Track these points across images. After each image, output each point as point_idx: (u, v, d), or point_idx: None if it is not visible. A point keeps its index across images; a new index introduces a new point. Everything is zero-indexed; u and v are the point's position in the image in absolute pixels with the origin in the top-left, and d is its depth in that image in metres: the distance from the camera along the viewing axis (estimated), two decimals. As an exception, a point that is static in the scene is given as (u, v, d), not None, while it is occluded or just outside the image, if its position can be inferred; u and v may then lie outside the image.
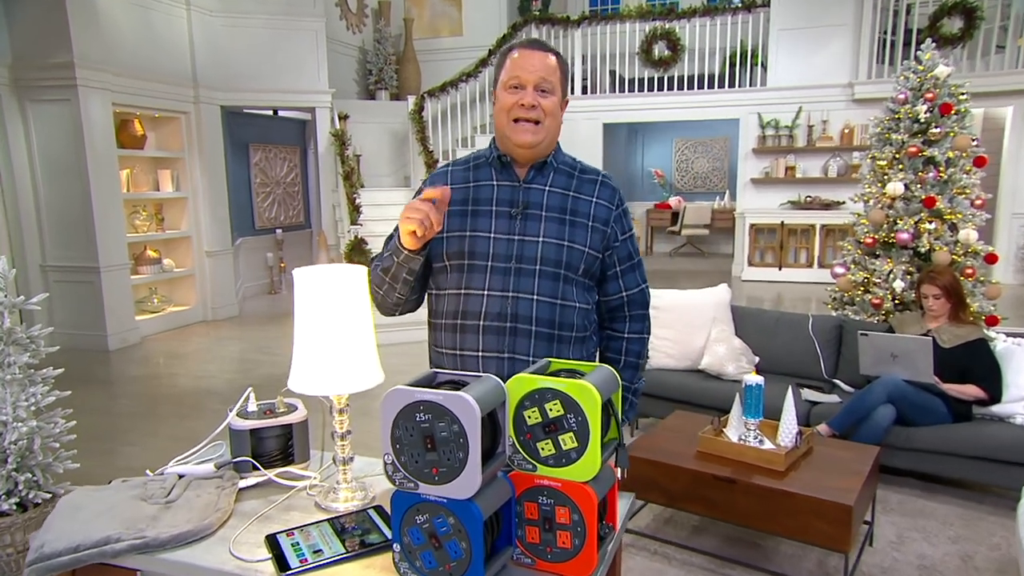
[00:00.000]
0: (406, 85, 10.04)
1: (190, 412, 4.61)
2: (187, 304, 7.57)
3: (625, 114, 9.70)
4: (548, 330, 1.63)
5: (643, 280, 1.78)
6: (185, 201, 7.43)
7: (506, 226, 1.64)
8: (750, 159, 9.33)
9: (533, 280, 1.62)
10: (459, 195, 1.68)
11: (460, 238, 1.65)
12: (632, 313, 1.76)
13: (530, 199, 1.66)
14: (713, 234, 12.11)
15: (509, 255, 1.63)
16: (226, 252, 7.82)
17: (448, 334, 1.68)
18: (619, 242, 1.70)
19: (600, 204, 1.68)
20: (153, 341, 6.69)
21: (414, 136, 8.20)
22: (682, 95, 9.35)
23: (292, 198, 10.14)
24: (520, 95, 1.61)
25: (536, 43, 1.65)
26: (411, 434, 1.17)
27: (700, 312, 4.04)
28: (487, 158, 1.72)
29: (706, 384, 3.83)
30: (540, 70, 1.61)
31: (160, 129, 7.36)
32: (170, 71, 7.04)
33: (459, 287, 1.65)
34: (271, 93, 7.91)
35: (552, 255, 1.62)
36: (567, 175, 1.70)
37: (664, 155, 13.01)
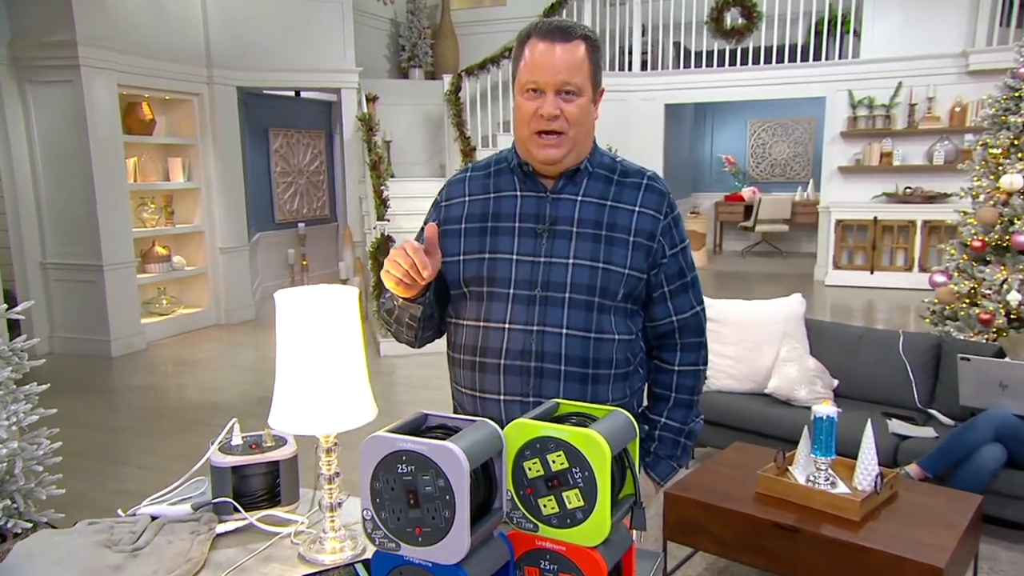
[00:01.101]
0: (442, 62, 10.08)
1: (194, 428, 4.70)
2: (199, 306, 7.75)
3: (691, 93, 9.59)
4: (580, 369, 1.57)
5: (698, 301, 1.69)
6: (197, 192, 7.60)
7: (530, 246, 1.58)
8: (838, 144, 9.12)
9: (561, 311, 1.56)
10: (478, 208, 1.64)
11: (479, 261, 1.60)
12: (684, 341, 1.68)
13: (559, 213, 1.59)
14: (793, 231, 11.89)
15: (533, 281, 1.57)
16: (242, 249, 7.98)
17: (467, 372, 1.64)
18: (668, 258, 1.62)
19: (644, 214, 1.60)
20: (160, 347, 6.86)
21: (450, 120, 8.22)
22: (758, 70, 9.21)
23: (316, 188, 10.29)
24: (539, 102, 1.52)
25: (558, 30, 1.52)
26: (392, 488, 1.14)
27: (768, 327, 3.95)
28: (509, 164, 1.66)
29: (773, 411, 3.74)
30: (563, 70, 1.50)
31: (170, 113, 7.54)
32: (181, 49, 7.20)
33: (478, 318, 1.61)
34: (292, 72, 8.04)
35: (584, 280, 1.56)
36: (604, 180, 1.62)
37: (736, 139, 12.84)
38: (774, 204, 11.48)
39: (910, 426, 3.54)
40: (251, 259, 8.36)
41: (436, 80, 9.39)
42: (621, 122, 9.48)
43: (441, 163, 8.98)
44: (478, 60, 8.84)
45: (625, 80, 9.51)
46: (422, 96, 9.33)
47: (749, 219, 11.81)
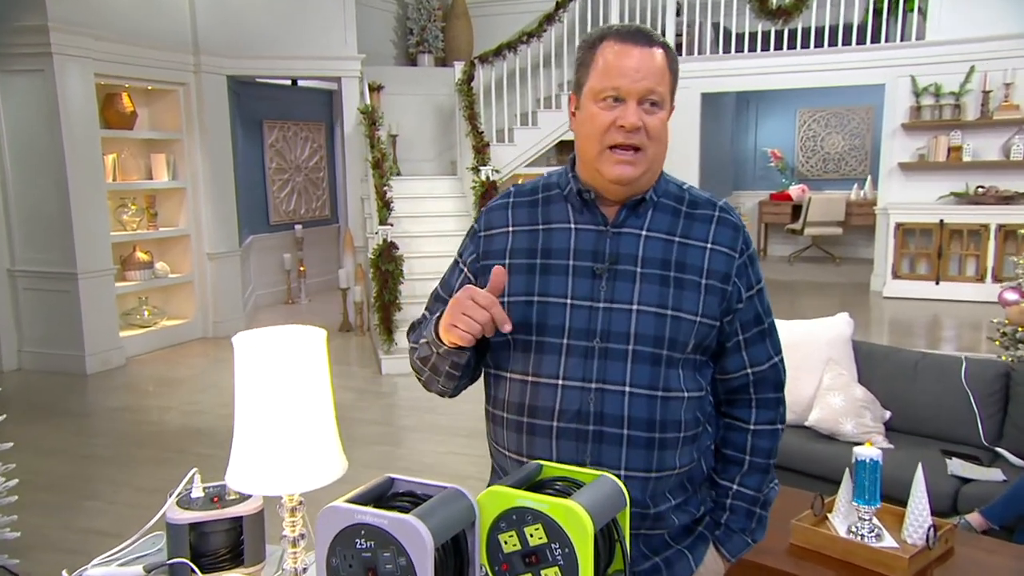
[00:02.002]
0: (454, 48, 10.10)
1: (172, 458, 4.72)
2: (183, 317, 7.80)
3: (732, 80, 9.54)
4: (646, 433, 1.52)
5: (776, 351, 1.66)
6: (183, 192, 7.66)
7: (587, 289, 1.53)
8: (899, 137, 9.02)
9: (624, 365, 1.51)
10: (524, 241, 1.59)
11: (526, 304, 1.55)
12: (760, 396, 1.65)
13: (620, 250, 1.54)
14: (847, 234, 11.78)
15: (591, 330, 1.52)
16: (232, 254, 8.03)
17: (512, 434, 1.59)
18: (744, 302, 1.58)
19: (717, 252, 1.55)
20: (140, 363, 6.91)
21: (461, 112, 8.22)
22: (809, 54, 9.14)
23: (316, 186, 10.36)
24: (618, 111, 1.47)
25: (639, 33, 1.49)
26: (350, 564, 1.12)
27: (810, 350, 3.89)
28: (562, 190, 1.61)
29: (814, 446, 3.67)
30: (647, 76, 1.46)
31: (154, 105, 7.60)
32: (166, 34, 7.27)
33: (525, 372, 1.56)
34: (288, 60, 8.08)
35: (650, 330, 1.51)
36: (672, 212, 1.58)
37: (784, 131, 12.75)
38: (826, 204, 11.37)
39: (973, 467, 3.46)
40: (242, 265, 8.42)
41: (447, 67, 9.38)
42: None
43: (452, 160, 8.99)
44: (493, 46, 8.84)
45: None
46: (432, 85, 9.35)
47: (797, 221, 11.69)
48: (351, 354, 7.31)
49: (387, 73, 9.21)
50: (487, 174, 7.37)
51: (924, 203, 8.91)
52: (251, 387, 1.42)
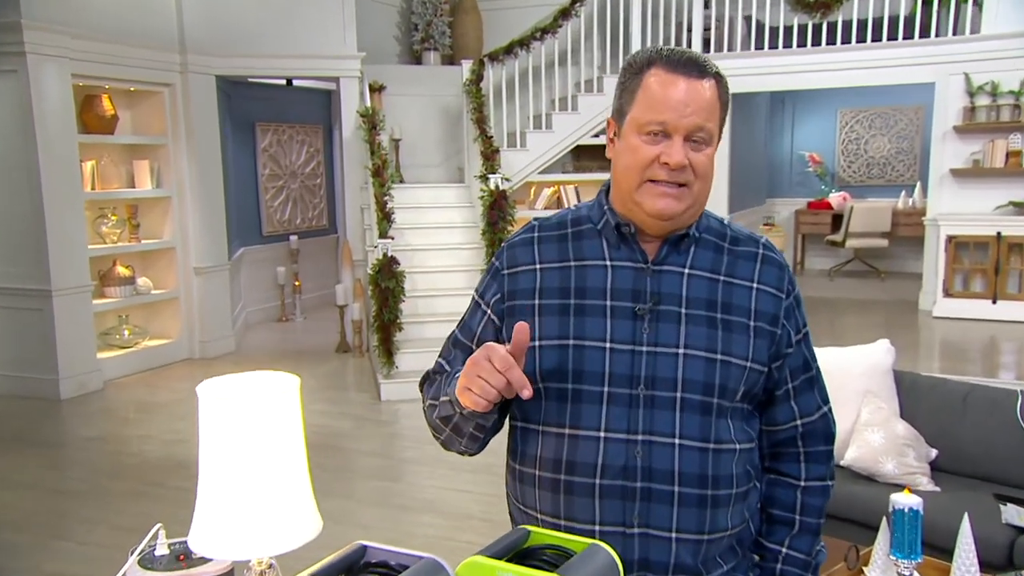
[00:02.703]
0: (462, 45, 10.13)
1: (151, 491, 4.71)
2: (167, 337, 7.82)
3: (766, 79, 9.49)
4: (698, 490, 1.52)
5: (824, 400, 1.67)
6: (168, 201, 7.69)
7: (628, 331, 1.53)
8: (950, 140, 8.96)
9: (673, 415, 1.51)
10: (555, 280, 1.58)
11: (560, 349, 1.54)
12: (810, 450, 1.65)
13: (662, 289, 1.54)
14: (894, 246, 11.70)
15: (634, 376, 1.52)
16: (221, 268, 8.05)
17: (546, 494, 1.57)
18: (793, 347, 1.59)
19: (764, 292, 1.57)
20: (119, 387, 6.93)
21: (469, 115, 8.22)
22: (850, 50, 9.10)
23: (312, 194, 10.40)
24: (663, 146, 1.48)
25: (691, 62, 1.49)
26: (314, 644, 1.10)
27: (845, 381, 3.84)
28: (595, 224, 1.61)
29: (851, 488, 3.60)
30: (697, 111, 1.47)
31: (136, 107, 7.65)
32: (150, 31, 7.31)
33: (562, 424, 1.55)
34: (282, 58, 8.12)
35: (699, 375, 1.51)
36: (714, 249, 1.59)
37: (823, 133, 12.73)
38: (870, 213, 11.30)
39: (1028, 512, 3.41)
40: (232, 280, 8.44)
41: (455, 66, 9.41)
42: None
43: (459, 166, 8.99)
44: (504, 43, 8.84)
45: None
46: (438, 85, 9.37)
47: (838, 232, 11.63)
48: (348, 378, 7.30)
49: (389, 72, 9.22)
50: (497, 182, 7.36)
51: (979, 213, 8.83)
52: (216, 441, 1.41)
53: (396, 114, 8.92)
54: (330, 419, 6.04)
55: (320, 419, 5.99)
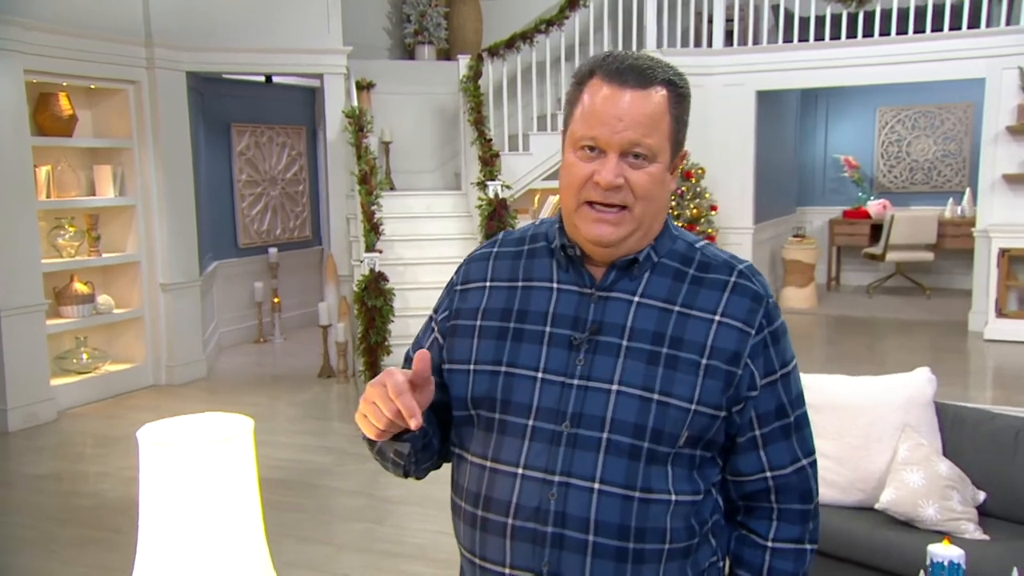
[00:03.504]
0: (460, 37, 10.16)
1: (105, 539, 4.66)
2: (131, 361, 7.79)
3: (795, 75, 9.52)
4: (617, 542, 1.50)
5: (805, 452, 1.63)
6: (132, 211, 7.67)
7: (563, 362, 1.54)
8: (1003, 142, 8.96)
9: (596, 457, 1.50)
10: (500, 300, 1.62)
11: (492, 376, 1.57)
12: (784, 507, 1.62)
13: (605, 318, 1.55)
14: (940, 260, 11.68)
15: (561, 412, 1.52)
16: (192, 284, 8.03)
17: (466, 528, 1.61)
18: (760, 389, 1.56)
19: (727, 326, 1.54)
20: (75, 417, 6.88)
21: (466, 116, 8.21)
22: (891, 43, 9.12)
23: (294, 202, 10.39)
24: (596, 164, 1.49)
25: (631, 71, 1.49)
26: None
27: (881, 413, 3.80)
28: (549, 242, 1.64)
29: (886, 535, 3.56)
30: (632, 126, 1.47)
31: (98, 107, 7.64)
32: (112, 23, 7.30)
33: (485, 456, 1.58)
34: (260, 52, 8.13)
35: (630, 416, 1.50)
36: (674, 275, 1.58)
37: (861, 134, 12.72)
38: (913, 223, 11.25)
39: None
40: (204, 298, 8.42)
41: (451, 61, 9.42)
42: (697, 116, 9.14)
43: (456, 171, 9.00)
44: (506, 36, 8.85)
45: (704, 60, 9.42)
46: (433, 82, 9.38)
47: (877, 243, 11.59)
48: (331, 406, 7.26)
49: (379, 68, 9.23)
50: (496, 190, 7.34)
51: (1036, 224, 8.81)
52: (158, 499, 1.38)
53: (386, 114, 8.93)
54: (310, 453, 5.99)
55: (298, 453, 5.94)
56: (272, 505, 4.97)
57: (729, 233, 9.52)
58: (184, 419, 1.49)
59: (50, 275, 7.00)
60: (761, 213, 10.11)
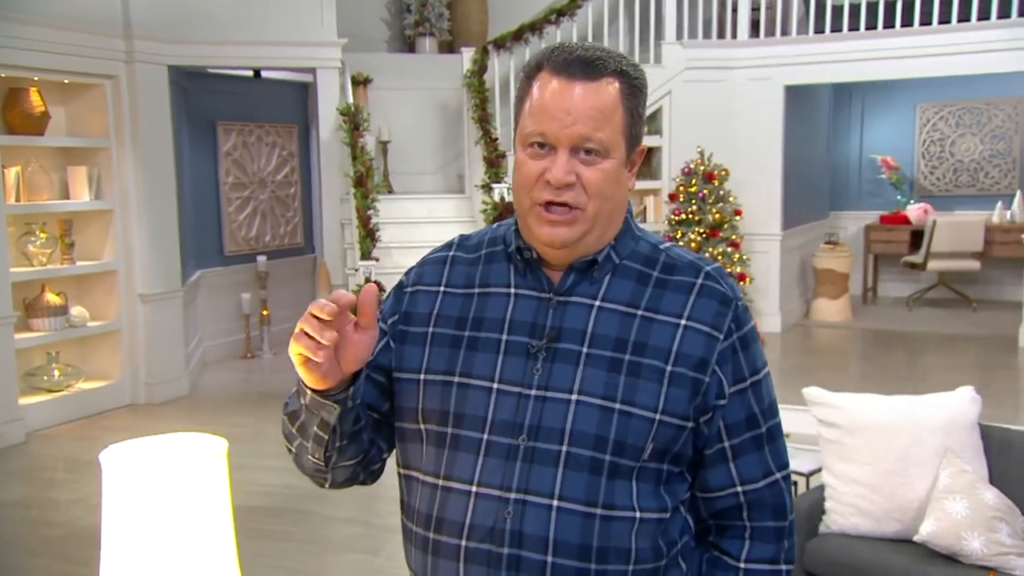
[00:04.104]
0: (464, 29, 10.20)
1: (74, 571, 4.63)
2: (106, 378, 7.77)
3: (828, 68, 9.54)
4: (577, 563, 1.52)
5: (778, 464, 1.66)
6: (109, 215, 7.67)
7: (519, 371, 1.56)
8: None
9: (554, 472, 1.52)
10: (455, 307, 1.65)
11: (444, 387, 1.60)
12: (756, 525, 1.65)
13: (564, 324, 1.57)
14: (988, 269, 11.60)
15: (517, 424, 1.54)
16: (174, 295, 8.03)
17: (418, 552, 1.63)
18: (728, 398, 1.59)
19: (693, 331, 1.57)
20: (45, 440, 6.87)
21: (470, 114, 8.23)
22: (932, 32, 9.11)
23: (285, 206, 10.39)
24: (545, 162, 1.52)
25: (579, 63, 1.52)
26: None
27: (920, 436, 3.76)
28: (507, 246, 1.67)
29: (927, 570, 3.53)
30: (581, 119, 1.50)
31: (72, 103, 7.64)
32: (88, 13, 7.30)
33: (437, 473, 1.59)
34: (249, 45, 8.16)
35: (591, 428, 1.52)
36: (637, 278, 1.61)
37: (899, 133, 12.71)
38: (957, 229, 11.21)
39: None
40: (187, 310, 8.41)
41: (454, 54, 9.46)
42: (720, 113, 9.37)
43: (459, 173, 9.02)
44: (513, 27, 8.87)
45: (728, 52, 9.44)
46: (435, 77, 9.42)
47: (918, 251, 11.54)
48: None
49: (377, 62, 9.25)
50: (502, 193, 7.32)
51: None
52: (122, 523, 1.40)
53: (384, 111, 8.95)
54: (298, 478, 5.80)
55: (287, 478, 5.89)
56: (258, 534, 4.97)
57: (755, 240, 9.50)
58: (152, 440, 1.49)
59: (19, 285, 6.99)
60: (790, 218, 10.09)
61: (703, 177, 9.09)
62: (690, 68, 9.45)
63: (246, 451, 6.37)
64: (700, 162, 9.11)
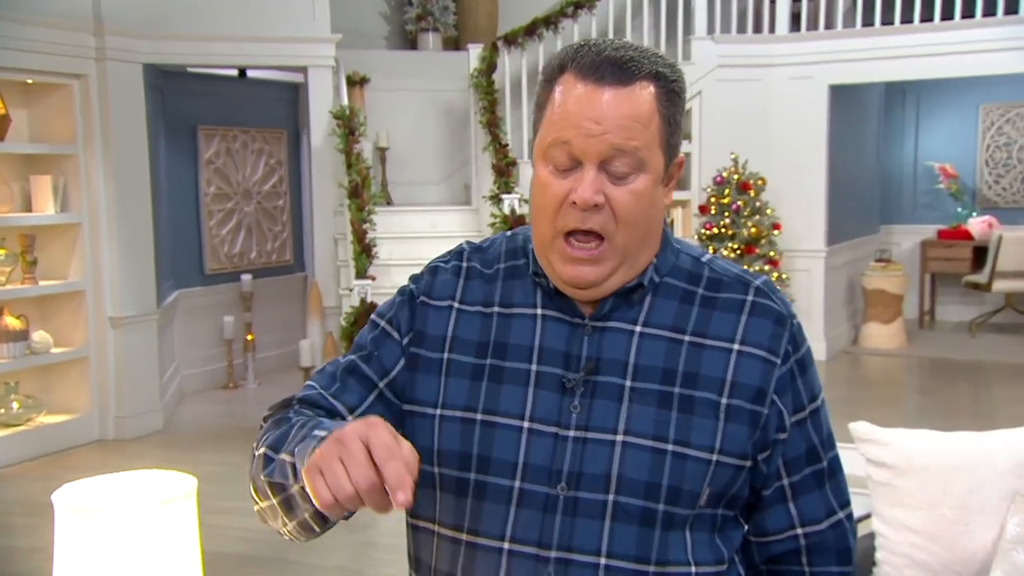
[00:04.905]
0: (470, 24, 10.26)
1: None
2: (71, 412, 7.75)
3: (878, 66, 9.57)
4: None
5: (840, 502, 1.65)
6: (77, 230, 7.66)
7: (554, 408, 1.52)
8: None
9: (600, 526, 1.49)
10: (474, 329, 1.60)
11: (465, 425, 1.55)
12: (818, 570, 1.63)
13: (603, 353, 1.53)
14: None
15: (554, 471, 1.50)
16: (148, 318, 8.02)
17: None
18: (789, 430, 1.57)
19: (748, 356, 1.54)
20: (2, 479, 6.86)
21: (478, 117, 8.24)
22: (994, 24, 9.14)
23: (272, 219, 10.40)
24: (571, 180, 1.46)
25: (609, 65, 1.45)
26: None
27: (984, 478, 3.69)
28: (529, 264, 1.62)
29: (995, 631, 3.48)
30: (614, 128, 1.43)
31: (36, 106, 7.65)
32: (54, 6, 7.32)
33: (458, 527, 1.55)
34: (233, 41, 8.18)
35: (642, 473, 1.49)
36: (681, 297, 1.57)
37: (960, 138, 12.71)
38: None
39: None
40: (162, 334, 8.40)
41: (460, 51, 9.49)
42: (756, 115, 9.37)
43: (465, 183, 9.04)
44: (525, 22, 8.88)
45: (765, 49, 9.45)
46: (438, 76, 9.47)
47: (981, 270, 11.52)
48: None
49: (374, 60, 9.29)
50: (513, 204, 7.32)
51: None
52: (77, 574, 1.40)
53: (382, 115, 8.97)
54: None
55: (270, 524, 5.88)
56: (237, 586, 4.95)
57: (796, 257, 9.47)
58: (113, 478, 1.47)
59: (-25, 307, 7.01)
60: (836, 233, 10.07)
61: (737, 187, 9.07)
62: (723, 66, 9.44)
63: (226, 492, 6.34)
64: (734, 170, 9.10)
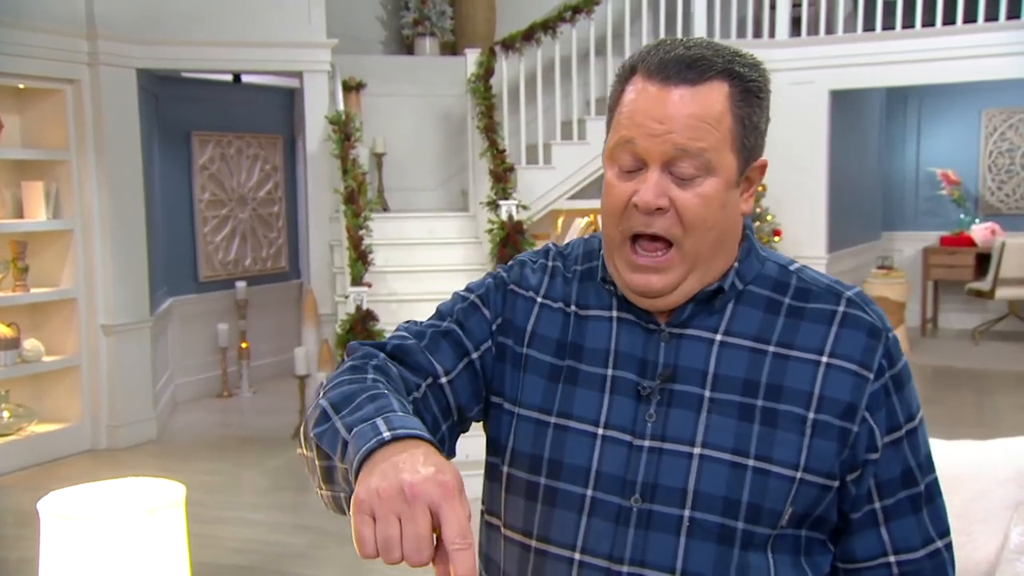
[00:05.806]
0: (468, 29, 10.25)
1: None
2: (63, 421, 7.74)
3: (879, 71, 9.55)
4: None
5: (939, 530, 1.58)
6: (69, 236, 7.66)
7: (629, 416, 1.50)
8: None
9: (675, 541, 1.46)
10: (555, 327, 1.59)
11: (538, 426, 1.54)
12: None
13: (680, 361, 1.51)
14: (1064, 298, 11.53)
15: (629, 482, 1.48)
16: (141, 326, 8.02)
17: None
18: (881, 450, 1.51)
19: (839, 369, 1.49)
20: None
21: (475, 123, 8.24)
22: (997, 29, 9.11)
23: (267, 226, 10.40)
24: (635, 182, 1.45)
25: (678, 64, 1.43)
26: None
27: (986, 487, 3.68)
28: (599, 267, 1.61)
29: (998, 641, 3.47)
30: (680, 128, 1.41)
31: (28, 111, 7.65)
32: (47, 10, 7.32)
33: (528, 532, 1.54)
34: (228, 46, 8.16)
35: (720, 488, 1.46)
36: (766, 306, 1.54)
37: (962, 143, 12.70)
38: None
39: None
40: (156, 342, 8.41)
41: (458, 56, 9.49)
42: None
43: (463, 189, 9.03)
44: (523, 27, 8.87)
45: (765, 54, 8.95)
46: (435, 81, 9.46)
47: (984, 277, 11.51)
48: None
49: (371, 65, 9.28)
50: (511, 211, 7.31)
51: None
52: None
53: (379, 120, 8.95)
54: (281, 533, 5.93)
55: (267, 533, 5.88)
56: (230, 599, 4.94)
57: (797, 263, 9.44)
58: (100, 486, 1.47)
59: (-35, 315, 7.01)
60: (837, 240, 10.06)
61: (740, 194, 9.05)
62: (723, 71, 9.37)
63: (220, 502, 6.35)
64: (735, 176, 9.09)
